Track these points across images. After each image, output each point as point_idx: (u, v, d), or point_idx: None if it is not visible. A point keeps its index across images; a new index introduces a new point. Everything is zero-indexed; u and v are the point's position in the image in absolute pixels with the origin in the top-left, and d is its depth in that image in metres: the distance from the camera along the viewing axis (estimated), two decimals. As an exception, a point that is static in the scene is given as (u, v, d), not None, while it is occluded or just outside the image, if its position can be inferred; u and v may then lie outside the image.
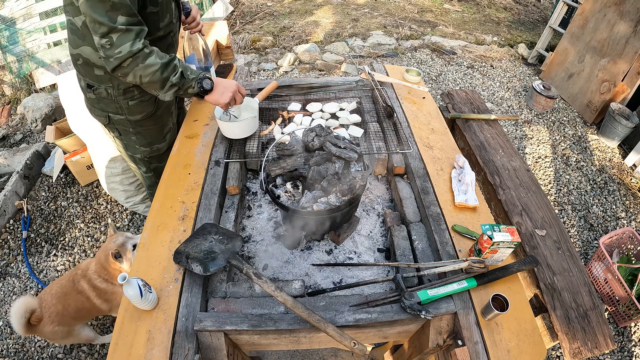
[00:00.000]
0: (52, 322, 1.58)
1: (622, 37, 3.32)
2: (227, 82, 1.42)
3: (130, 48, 1.16)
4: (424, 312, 1.08)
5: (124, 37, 1.15)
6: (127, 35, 1.15)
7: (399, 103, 1.96)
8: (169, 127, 1.74)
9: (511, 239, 1.11)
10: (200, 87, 1.34)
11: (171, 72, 1.26)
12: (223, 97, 1.41)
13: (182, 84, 1.30)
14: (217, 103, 1.43)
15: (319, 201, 1.26)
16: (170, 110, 1.72)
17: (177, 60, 1.29)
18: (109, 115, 1.54)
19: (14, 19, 3.27)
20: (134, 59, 1.19)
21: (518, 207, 1.78)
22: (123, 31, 1.14)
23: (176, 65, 1.28)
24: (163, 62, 1.23)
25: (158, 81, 1.25)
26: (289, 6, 5.82)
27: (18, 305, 1.51)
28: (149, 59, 1.20)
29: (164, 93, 1.31)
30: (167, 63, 1.24)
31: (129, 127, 1.59)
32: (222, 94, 1.41)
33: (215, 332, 1.07)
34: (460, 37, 5.12)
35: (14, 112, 3.55)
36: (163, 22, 1.36)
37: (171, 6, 1.38)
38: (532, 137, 3.44)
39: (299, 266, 1.38)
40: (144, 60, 1.20)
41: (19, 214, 2.59)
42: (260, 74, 4.08)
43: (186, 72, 1.31)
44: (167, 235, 1.31)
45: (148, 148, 1.71)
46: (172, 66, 1.26)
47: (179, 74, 1.28)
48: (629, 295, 2.04)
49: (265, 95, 1.79)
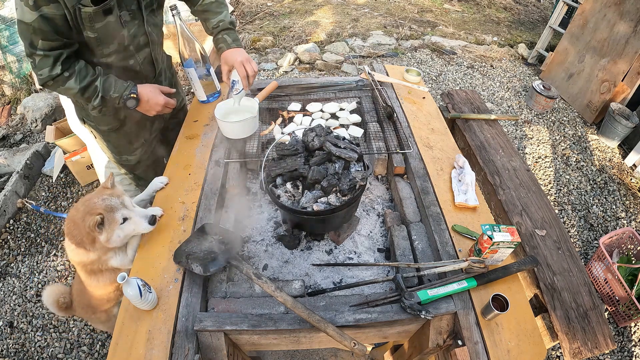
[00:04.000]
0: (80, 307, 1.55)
1: (622, 37, 3.32)
2: (152, 97, 1.44)
3: (49, 73, 1.23)
4: (424, 312, 1.07)
5: (43, 62, 1.21)
6: (45, 60, 1.21)
7: (399, 103, 1.96)
8: (140, 143, 1.72)
9: (511, 239, 1.11)
10: (124, 105, 1.40)
11: (92, 95, 1.32)
12: (149, 112, 1.48)
13: (105, 103, 1.37)
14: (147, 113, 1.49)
15: (319, 201, 1.26)
16: (144, 127, 1.68)
17: (98, 81, 1.32)
18: (83, 118, 1.59)
19: (14, 19, 3.27)
20: (55, 82, 1.26)
21: (518, 207, 1.78)
22: (42, 56, 1.20)
23: (96, 87, 1.31)
24: (82, 87, 1.29)
25: (82, 100, 1.33)
26: (289, 6, 5.82)
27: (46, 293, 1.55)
28: (68, 82, 1.27)
29: (90, 110, 1.41)
30: (86, 87, 1.30)
31: (99, 133, 1.63)
32: (148, 110, 1.48)
33: (215, 332, 1.07)
34: (460, 37, 5.12)
35: (14, 112, 3.55)
36: (108, 49, 1.33)
37: (120, 34, 1.32)
38: (532, 137, 3.44)
39: (299, 266, 1.38)
40: (63, 83, 1.27)
41: (19, 214, 2.59)
42: (260, 74, 4.09)
43: (108, 93, 1.34)
44: (167, 235, 1.31)
45: (118, 157, 1.75)
46: (92, 88, 1.31)
47: (98, 99, 1.33)
48: (629, 295, 2.04)
49: (265, 95, 1.79)
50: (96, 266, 1.30)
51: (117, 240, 1.23)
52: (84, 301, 1.49)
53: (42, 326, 2.04)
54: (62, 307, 1.55)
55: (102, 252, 1.27)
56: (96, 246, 1.24)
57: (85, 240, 1.22)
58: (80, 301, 1.51)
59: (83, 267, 1.33)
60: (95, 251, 1.26)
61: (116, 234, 1.22)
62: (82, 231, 1.21)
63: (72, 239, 1.25)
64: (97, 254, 1.28)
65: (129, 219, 1.24)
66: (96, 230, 1.19)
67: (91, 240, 1.22)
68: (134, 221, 1.25)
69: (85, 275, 1.36)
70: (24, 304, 2.14)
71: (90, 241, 1.22)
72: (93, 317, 1.56)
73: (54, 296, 1.55)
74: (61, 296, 1.56)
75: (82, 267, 1.34)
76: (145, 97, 1.42)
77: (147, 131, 1.72)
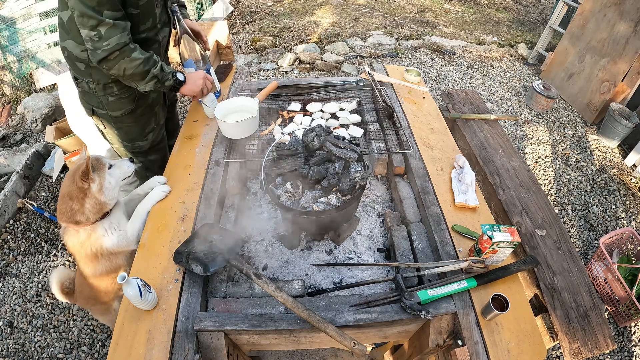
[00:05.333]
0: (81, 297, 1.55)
1: (622, 37, 3.32)
2: (196, 74, 1.58)
3: (118, 41, 1.25)
4: (424, 312, 1.07)
5: (111, 31, 1.24)
6: (114, 29, 1.24)
7: (399, 103, 1.96)
8: (152, 127, 1.75)
9: (511, 239, 1.11)
10: (176, 79, 1.48)
11: (152, 65, 1.38)
12: (196, 86, 1.56)
13: (162, 76, 1.43)
14: (190, 92, 1.57)
15: (319, 201, 1.26)
16: (153, 111, 1.73)
17: (156, 57, 1.41)
18: (92, 108, 1.61)
19: (14, 19, 3.27)
20: (121, 52, 1.28)
21: (518, 207, 1.78)
22: (110, 25, 1.23)
23: (156, 60, 1.40)
24: (145, 57, 1.35)
25: (140, 73, 1.36)
26: (289, 6, 5.82)
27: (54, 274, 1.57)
28: (134, 53, 1.32)
29: (144, 84, 1.42)
30: (149, 57, 1.37)
31: (110, 121, 1.65)
32: (195, 83, 1.56)
33: (215, 332, 1.07)
34: (460, 37, 5.12)
35: (14, 112, 3.55)
36: (145, 26, 1.43)
37: (154, 11, 1.44)
38: (532, 137, 3.44)
39: (299, 266, 1.38)
40: (130, 53, 1.31)
41: (19, 214, 2.59)
42: (260, 74, 4.08)
43: (164, 67, 1.44)
44: (167, 235, 1.31)
45: (129, 144, 1.76)
46: (153, 60, 1.39)
47: (159, 67, 1.41)
48: (629, 295, 2.03)
49: (265, 95, 1.79)
50: (89, 248, 1.31)
51: (109, 188, 1.31)
52: (85, 292, 1.50)
53: (42, 326, 2.04)
54: (65, 291, 1.56)
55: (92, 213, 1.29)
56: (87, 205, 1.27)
57: (77, 201, 1.25)
58: (81, 291, 1.52)
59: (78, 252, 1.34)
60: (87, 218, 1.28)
61: (107, 180, 1.30)
62: (73, 192, 1.25)
63: (63, 215, 1.28)
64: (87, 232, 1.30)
65: (114, 165, 1.37)
66: (88, 180, 1.25)
67: (82, 197, 1.26)
68: (119, 165, 1.39)
69: (82, 262, 1.37)
70: (24, 304, 2.14)
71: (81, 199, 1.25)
72: (93, 308, 1.57)
73: (60, 279, 1.56)
74: (66, 280, 1.57)
75: (78, 254, 1.35)
76: (188, 74, 1.57)
77: (157, 116, 1.77)
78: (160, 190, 1.45)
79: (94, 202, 1.28)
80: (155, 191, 1.45)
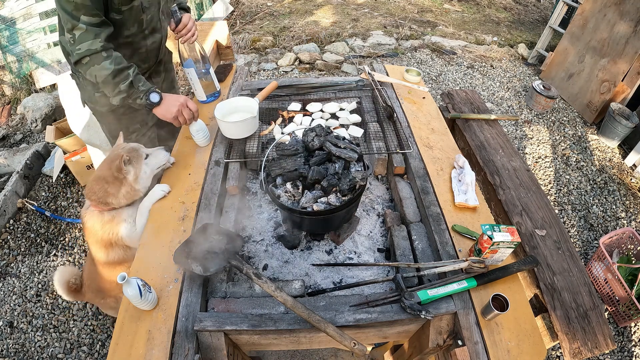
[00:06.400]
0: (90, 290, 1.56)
1: (622, 37, 3.32)
2: (174, 98, 1.46)
3: (89, 47, 1.26)
4: (424, 312, 1.07)
5: (84, 36, 1.25)
6: (87, 34, 1.25)
7: (399, 103, 1.96)
8: (136, 128, 1.75)
9: (511, 239, 1.11)
10: (147, 100, 1.40)
11: (122, 80, 1.34)
12: (169, 112, 1.45)
13: (131, 93, 1.37)
14: (163, 117, 1.47)
15: (319, 201, 1.26)
16: (139, 112, 1.71)
17: (132, 69, 1.36)
18: (85, 101, 1.64)
19: (14, 19, 3.27)
20: (91, 58, 1.28)
21: (518, 207, 1.78)
22: (84, 30, 1.24)
23: (128, 75, 1.35)
24: (116, 69, 1.31)
25: (109, 84, 1.34)
26: (289, 6, 5.82)
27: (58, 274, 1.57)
28: (104, 62, 1.29)
29: (112, 97, 1.40)
30: (120, 70, 1.32)
31: (97, 116, 1.69)
32: (168, 109, 1.45)
33: (215, 332, 1.07)
34: (460, 37, 5.12)
35: (14, 112, 3.55)
36: (129, 31, 1.42)
37: (141, 18, 1.42)
38: (532, 137, 3.44)
39: (299, 266, 1.38)
40: (99, 62, 1.29)
41: (19, 214, 2.59)
42: (260, 74, 4.08)
43: (137, 83, 1.37)
44: (167, 235, 1.31)
45: (112, 140, 1.78)
46: (125, 75, 1.34)
47: (127, 83, 1.35)
48: (629, 295, 2.04)
49: (265, 95, 1.79)
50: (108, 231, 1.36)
51: (144, 177, 1.38)
52: (95, 285, 1.50)
53: (42, 326, 2.05)
54: (72, 289, 1.56)
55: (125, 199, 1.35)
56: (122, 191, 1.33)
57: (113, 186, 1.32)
58: (90, 285, 1.53)
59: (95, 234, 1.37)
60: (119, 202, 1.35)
61: (143, 170, 1.37)
62: (109, 177, 1.32)
63: (94, 194, 1.33)
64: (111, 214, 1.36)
65: (150, 154, 1.41)
66: (124, 170, 1.32)
67: (119, 184, 1.33)
68: (155, 154, 1.44)
69: (96, 247, 1.39)
70: (24, 304, 2.14)
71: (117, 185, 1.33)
72: (103, 302, 1.57)
73: (66, 277, 1.56)
74: (72, 278, 1.57)
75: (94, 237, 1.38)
76: (166, 96, 1.47)
77: (143, 117, 1.76)
78: (159, 189, 1.45)
79: (129, 188, 1.36)
80: (155, 190, 1.46)
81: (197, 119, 1.57)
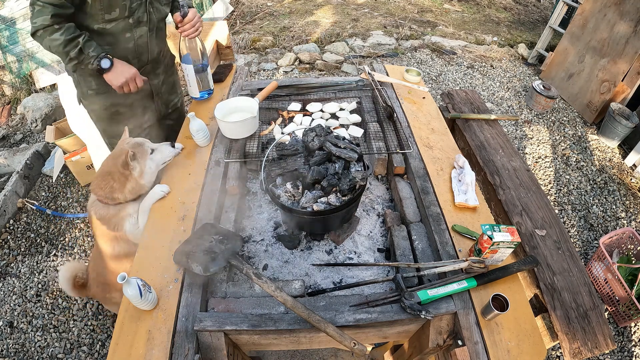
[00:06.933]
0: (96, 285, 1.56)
1: (622, 37, 3.32)
2: (126, 68, 1.51)
3: (42, 22, 1.35)
4: (424, 312, 1.07)
5: (40, 12, 1.35)
6: (43, 10, 1.34)
7: (399, 103, 1.96)
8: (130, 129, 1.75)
9: (511, 239, 1.11)
10: (98, 65, 1.44)
11: (72, 48, 1.40)
12: (116, 79, 1.50)
13: (82, 59, 1.43)
14: (110, 83, 1.51)
15: (319, 201, 1.26)
16: (132, 112, 1.74)
17: (82, 37, 1.41)
18: (80, 98, 1.69)
19: (14, 19, 3.27)
20: (44, 31, 1.37)
21: (518, 207, 1.78)
22: (41, 7, 1.34)
23: (78, 42, 1.41)
24: (67, 38, 1.38)
25: (61, 53, 1.41)
26: (289, 6, 5.82)
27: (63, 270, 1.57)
28: (55, 34, 1.37)
29: (66, 64, 1.48)
30: (71, 39, 1.39)
31: (90, 114, 1.72)
32: (116, 77, 1.50)
33: (215, 332, 1.07)
34: (460, 37, 5.11)
35: (14, 112, 3.55)
36: (110, 16, 1.46)
37: (122, 3, 1.45)
38: (532, 137, 3.44)
39: (299, 266, 1.38)
40: (51, 34, 1.37)
41: (19, 214, 2.59)
42: (260, 74, 4.08)
43: (87, 50, 1.42)
44: (167, 235, 1.31)
45: (108, 139, 1.82)
46: (75, 43, 1.40)
47: (77, 50, 1.41)
48: (629, 295, 2.03)
49: (265, 95, 1.79)
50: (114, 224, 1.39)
51: (149, 173, 1.39)
52: (100, 279, 1.50)
53: (42, 326, 2.04)
54: (78, 284, 1.56)
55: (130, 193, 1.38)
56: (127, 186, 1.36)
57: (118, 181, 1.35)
58: (96, 279, 1.53)
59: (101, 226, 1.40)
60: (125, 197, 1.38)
61: (148, 165, 1.38)
62: (115, 173, 1.35)
63: (100, 190, 1.37)
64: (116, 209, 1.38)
65: (155, 149, 1.42)
66: (130, 165, 1.34)
67: (124, 179, 1.35)
68: (160, 150, 1.44)
69: (103, 239, 1.42)
70: (24, 304, 2.14)
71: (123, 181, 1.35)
72: (107, 297, 1.57)
73: (71, 273, 1.56)
74: (78, 273, 1.58)
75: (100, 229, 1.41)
76: (118, 63, 1.49)
77: (138, 119, 1.77)
78: (159, 189, 1.46)
79: (134, 183, 1.38)
80: (155, 190, 1.46)
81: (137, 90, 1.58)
